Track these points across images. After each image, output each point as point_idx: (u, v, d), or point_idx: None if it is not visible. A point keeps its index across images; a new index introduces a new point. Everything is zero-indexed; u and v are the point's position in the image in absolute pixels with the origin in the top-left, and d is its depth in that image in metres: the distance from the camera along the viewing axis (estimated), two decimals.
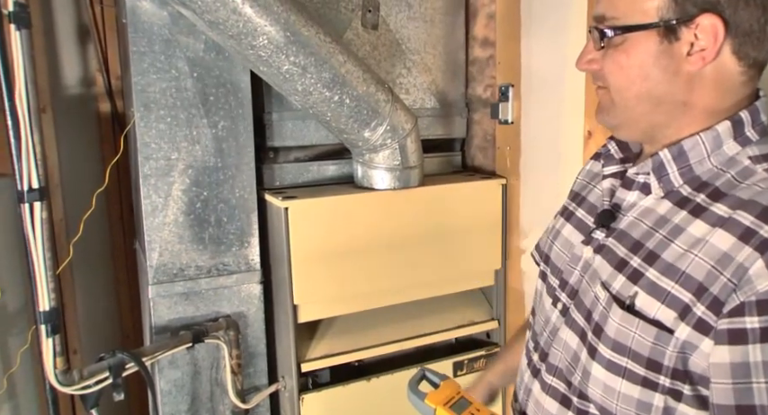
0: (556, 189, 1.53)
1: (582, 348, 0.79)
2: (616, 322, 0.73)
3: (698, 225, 0.69)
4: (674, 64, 0.71)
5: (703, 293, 0.65)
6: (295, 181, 1.65)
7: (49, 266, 1.16)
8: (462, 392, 0.89)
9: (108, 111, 1.97)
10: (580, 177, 1.02)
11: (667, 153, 0.75)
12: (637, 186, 0.80)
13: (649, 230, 0.74)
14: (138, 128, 1.39)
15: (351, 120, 1.45)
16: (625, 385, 0.73)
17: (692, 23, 0.69)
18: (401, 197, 1.55)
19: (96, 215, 1.74)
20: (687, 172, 0.74)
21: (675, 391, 0.69)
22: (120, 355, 1.29)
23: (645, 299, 0.70)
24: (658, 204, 0.76)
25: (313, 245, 1.46)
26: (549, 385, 0.85)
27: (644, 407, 0.72)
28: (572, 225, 0.91)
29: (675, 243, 0.70)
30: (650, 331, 0.69)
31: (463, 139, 1.88)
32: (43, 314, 1.18)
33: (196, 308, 1.48)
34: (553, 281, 0.90)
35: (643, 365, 0.70)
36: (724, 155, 0.73)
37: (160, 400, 1.48)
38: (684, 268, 0.68)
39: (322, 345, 1.59)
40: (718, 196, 0.70)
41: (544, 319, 0.90)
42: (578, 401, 0.80)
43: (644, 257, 0.73)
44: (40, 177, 1.12)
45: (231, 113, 1.47)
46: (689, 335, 0.66)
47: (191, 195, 1.45)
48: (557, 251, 0.92)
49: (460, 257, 1.65)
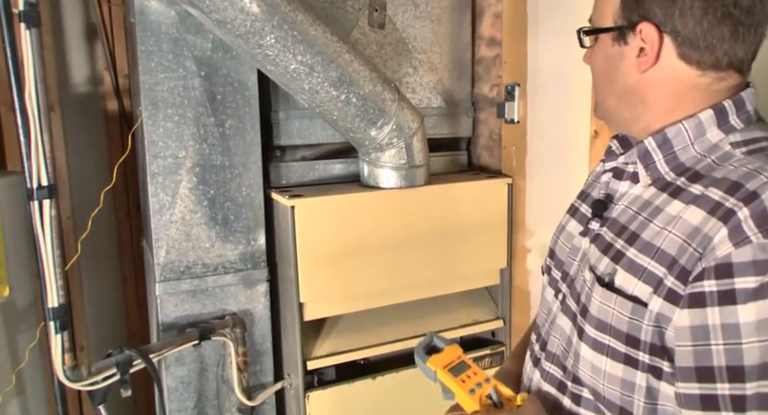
0: (562, 188, 1.53)
1: (573, 331, 0.82)
2: (598, 300, 0.76)
3: (675, 204, 0.73)
4: (626, 65, 0.78)
5: (674, 265, 0.68)
6: (301, 180, 1.66)
7: (57, 263, 1.17)
8: (462, 357, 0.93)
9: (116, 110, 1.98)
10: (589, 178, 1.04)
11: (652, 141, 0.78)
12: (627, 176, 0.84)
13: (634, 214, 0.78)
14: (145, 127, 1.40)
15: (357, 119, 1.45)
16: (609, 364, 0.75)
17: (636, 30, 0.75)
18: (407, 196, 1.55)
19: (104, 212, 1.76)
20: (672, 160, 0.77)
21: (655, 368, 0.71)
22: (127, 352, 1.30)
23: (623, 276, 0.74)
24: (645, 191, 0.79)
25: (319, 243, 1.47)
26: (547, 372, 0.88)
27: (628, 386, 0.74)
28: (575, 219, 0.94)
29: (654, 223, 0.74)
30: (626, 306, 0.72)
31: (469, 138, 1.89)
32: (52, 311, 1.19)
33: (203, 306, 1.49)
34: (556, 274, 0.93)
35: (623, 341, 0.73)
36: (707, 142, 0.76)
37: (167, 396, 1.49)
38: (659, 244, 0.71)
39: (328, 343, 1.59)
40: (697, 178, 0.73)
41: (546, 311, 0.93)
42: (572, 385, 0.83)
43: (626, 238, 0.76)
44: (50, 175, 1.13)
45: (238, 112, 1.48)
46: (661, 307, 0.68)
47: (198, 193, 1.46)
48: (560, 244, 0.95)
49: (466, 256, 1.65)
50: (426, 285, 1.64)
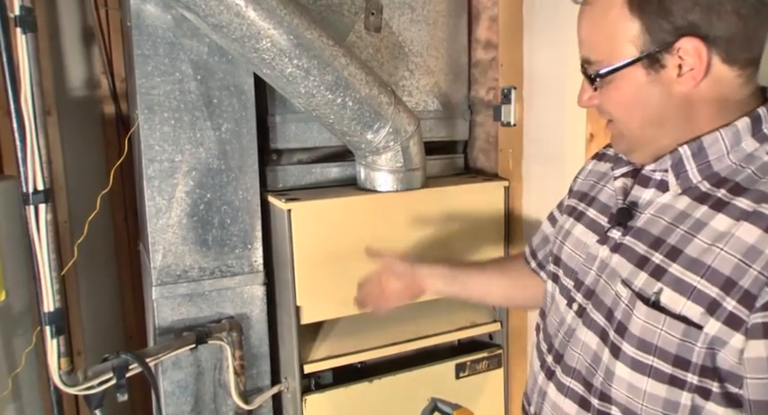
0: (558, 191, 1.53)
1: (603, 347, 0.78)
2: (641, 320, 0.72)
3: (720, 219, 0.70)
4: (666, 89, 0.74)
5: (732, 287, 0.65)
6: (298, 183, 1.66)
7: (53, 267, 1.17)
8: None
9: (112, 114, 1.98)
10: (581, 177, 1.02)
11: (687, 149, 0.75)
12: (654, 183, 0.80)
13: (669, 225, 0.75)
14: (142, 131, 1.40)
15: (353, 123, 1.45)
16: (651, 384, 0.72)
17: (672, 50, 0.71)
18: (404, 199, 1.55)
19: (101, 217, 1.75)
20: (706, 169, 0.74)
21: (703, 389, 0.69)
22: (123, 356, 1.30)
23: (670, 295, 0.70)
24: (676, 200, 0.76)
25: (316, 247, 1.47)
26: (566, 387, 0.84)
27: (671, 406, 0.71)
28: (584, 225, 0.91)
29: (698, 238, 0.70)
30: (677, 328, 0.69)
31: (466, 141, 1.89)
32: (48, 315, 1.19)
33: (199, 309, 1.49)
34: (567, 282, 0.90)
35: (670, 362, 0.70)
36: (743, 152, 0.73)
37: (163, 400, 1.49)
38: (710, 262, 0.68)
39: (325, 346, 1.59)
40: (740, 190, 0.70)
41: (558, 320, 0.90)
42: (599, 403, 0.79)
43: (666, 253, 0.73)
44: (45, 179, 1.13)
45: (235, 115, 1.48)
46: (719, 330, 0.66)
47: (194, 197, 1.46)
48: (569, 252, 0.92)
49: (463, 258, 1.65)
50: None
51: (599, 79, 0.77)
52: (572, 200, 0.99)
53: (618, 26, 0.73)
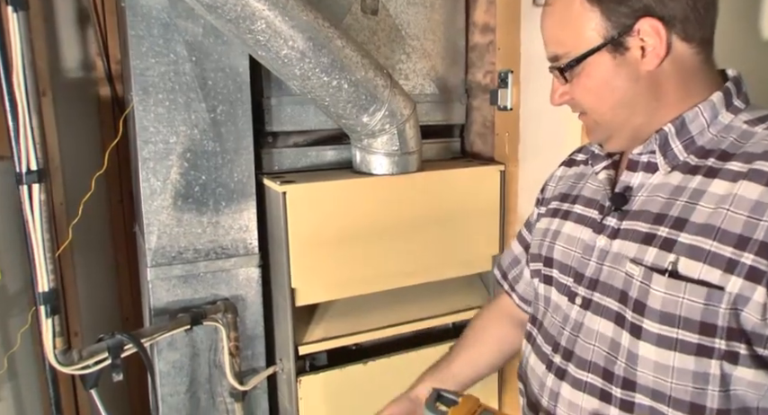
0: None
1: (621, 332, 0.78)
2: (661, 292, 0.73)
3: (717, 183, 0.72)
4: (634, 70, 0.77)
5: (747, 242, 0.67)
6: (294, 166, 1.66)
7: (47, 247, 1.17)
8: (484, 405, 0.86)
9: (108, 96, 1.97)
10: (552, 184, 1.05)
11: (671, 127, 0.78)
12: (642, 166, 0.82)
13: (667, 200, 0.76)
14: (136, 112, 1.40)
15: (349, 105, 1.45)
16: (679, 358, 0.72)
17: (633, 32, 0.75)
18: (399, 182, 1.55)
19: (96, 199, 1.76)
20: (690, 144, 0.77)
21: (731, 353, 0.69)
22: (118, 336, 1.31)
23: (686, 263, 0.71)
24: (668, 177, 0.78)
25: (311, 229, 1.47)
26: (584, 382, 0.83)
27: (701, 379, 0.71)
28: (573, 221, 0.91)
29: (701, 205, 0.72)
30: (700, 292, 0.70)
31: (462, 125, 1.89)
32: (42, 295, 1.20)
33: (194, 291, 1.50)
34: (565, 280, 0.89)
35: (696, 331, 0.70)
36: (721, 124, 0.77)
37: (159, 381, 1.50)
38: (719, 224, 0.69)
39: (320, 328, 1.60)
40: (727, 156, 0.73)
41: (560, 319, 0.89)
42: (622, 392, 0.78)
43: (671, 225, 0.74)
44: (39, 159, 1.13)
45: (230, 98, 1.48)
46: (741, 287, 0.67)
47: (189, 179, 1.46)
48: (561, 249, 0.92)
49: (458, 242, 1.66)
50: (418, 271, 1.65)
51: (569, 70, 0.80)
52: (552, 204, 0.99)
53: (580, 18, 0.77)
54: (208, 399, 1.56)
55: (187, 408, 1.54)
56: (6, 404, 1.52)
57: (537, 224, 1.02)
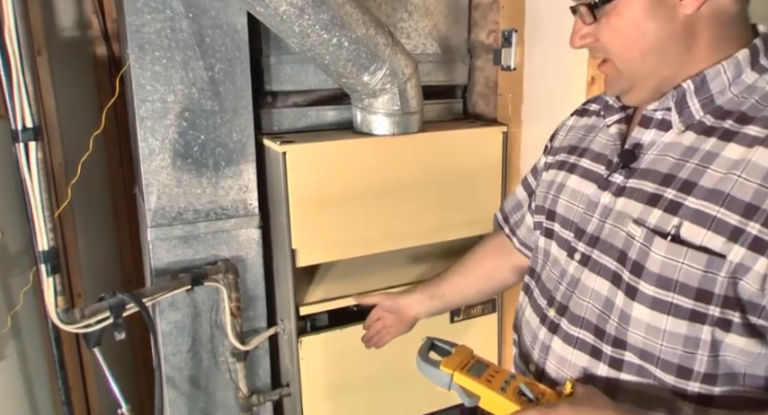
0: None
1: (616, 291, 0.78)
2: (661, 256, 0.71)
3: (732, 147, 0.69)
4: (671, 13, 0.72)
5: (755, 211, 0.65)
6: (293, 126, 1.64)
7: (46, 206, 1.16)
8: (477, 356, 0.87)
9: (104, 55, 1.94)
10: (562, 133, 1.02)
11: (690, 84, 0.74)
12: (655, 123, 0.79)
13: (678, 161, 0.74)
14: (133, 70, 1.37)
15: (349, 64, 1.42)
16: (671, 322, 0.72)
17: None
18: (400, 143, 1.54)
19: (96, 160, 1.75)
20: (708, 103, 0.74)
21: (725, 320, 0.69)
22: (120, 295, 1.31)
23: (689, 228, 0.69)
24: (681, 137, 0.75)
25: (311, 190, 1.46)
26: (575, 338, 0.83)
27: (691, 343, 0.71)
28: (578, 175, 0.90)
29: (712, 169, 0.70)
30: (700, 259, 0.68)
31: (465, 86, 1.86)
32: (42, 254, 1.19)
33: (195, 252, 1.50)
34: (566, 234, 0.89)
35: (692, 297, 0.69)
36: (743, 84, 0.73)
37: (161, 340, 1.51)
38: (728, 190, 0.67)
39: (320, 289, 1.61)
40: (747, 119, 0.70)
41: (558, 273, 0.89)
42: (612, 350, 0.78)
43: (679, 187, 0.72)
44: (34, 116, 1.11)
45: (228, 55, 1.45)
46: (743, 257, 0.65)
47: (188, 138, 1.44)
48: (565, 203, 0.90)
49: (460, 204, 1.65)
50: (420, 232, 1.64)
51: (600, 7, 0.75)
52: (559, 155, 0.97)
53: None
54: (210, 358, 1.58)
55: (189, 367, 1.56)
56: (11, 362, 1.53)
57: (543, 174, 1.01)
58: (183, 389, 1.56)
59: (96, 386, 2.04)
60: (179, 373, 1.55)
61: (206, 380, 1.58)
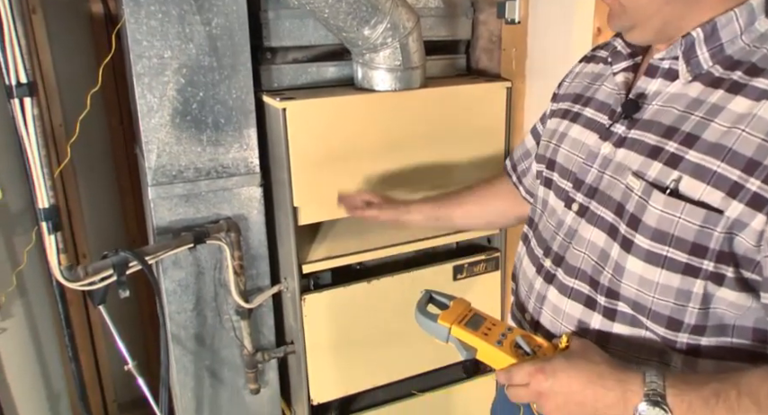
0: None
1: (612, 243, 0.77)
2: (658, 210, 0.70)
3: (739, 101, 0.67)
4: None
5: (756, 167, 0.63)
6: (293, 83, 1.61)
7: (44, 163, 1.16)
8: (474, 309, 0.86)
9: (100, 12, 1.90)
10: (569, 80, 1.00)
11: (700, 32, 0.71)
12: (661, 72, 0.76)
13: (682, 114, 0.72)
14: (128, 25, 1.34)
15: (349, 17, 1.39)
16: (664, 276, 0.71)
17: None
18: (402, 98, 1.51)
19: (95, 121, 1.73)
20: (718, 52, 0.71)
21: (717, 274, 0.68)
22: (122, 253, 1.31)
23: (688, 182, 0.68)
24: (687, 88, 0.73)
25: (312, 147, 1.45)
26: (570, 288, 0.83)
27: (682, 296, 0.71)
28: (580, 125, 0.88)
29: (716, 122, 0.68)
30: (697, 214, 0.67)
31: (468, 41, 1.81)
32: (43, 212, 1.19)
33: (197, 210, 1.49)
34: (564, 184, 0.88)
35: (686, 251, 0.69)
36: (756, 32, 0.70)
37: (165, 299, 1.52)
38: (730, 144, 0.65)
39: (323, 247, 1.61)
40: (757, 71, 0.67)
41: (555, 223, 0.88)
42: (606, 300, 0.78)
43: (681, 140, 0.70)
44: (28, 71, 1.09)
45: (225, 10, 1.41)
46: (741, 213, 0.64)
47: (186, 95, 1.42)
48: (565, 153, 0.89)
49: (463, 160, 1.63)
50: (421, 190, 1.62)
51: None
52: (564, 103, 0.96)
53: None
54: (214, 316, 1.59)
55: (194, 325, 1.57)
56: (18, 319, 1.55)
57: (548, 122, 1.00)
58: (189, 347, 1.58)
59: (104, 344, 2.07)
60: (184, 331, 1.56)
61: (211, 338, 1.60)
